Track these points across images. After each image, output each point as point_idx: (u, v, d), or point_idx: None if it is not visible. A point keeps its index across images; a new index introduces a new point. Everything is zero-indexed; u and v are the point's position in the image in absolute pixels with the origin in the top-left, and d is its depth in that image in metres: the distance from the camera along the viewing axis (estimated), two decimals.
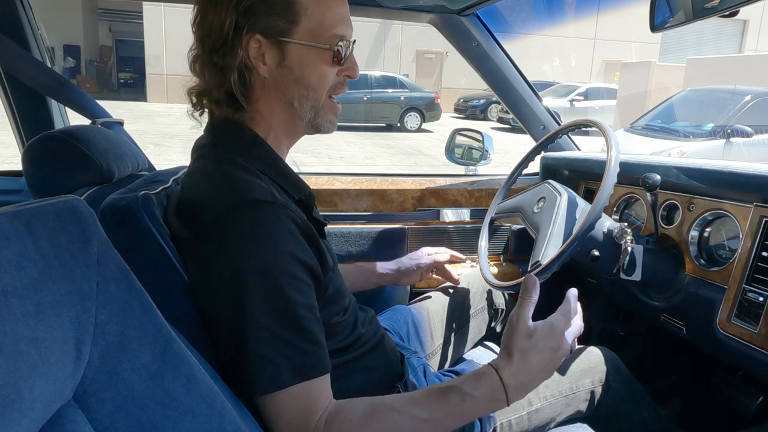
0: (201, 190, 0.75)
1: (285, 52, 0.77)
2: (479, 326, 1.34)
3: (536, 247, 1.12)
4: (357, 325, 0.90)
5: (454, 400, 0.71)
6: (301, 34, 0.76)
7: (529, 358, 0.73)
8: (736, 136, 6.14)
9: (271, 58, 0.77)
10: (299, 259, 0.70)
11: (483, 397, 0.72)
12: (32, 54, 1.40)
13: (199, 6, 0.76)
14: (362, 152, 9.54)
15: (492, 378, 0.73)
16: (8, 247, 0.40)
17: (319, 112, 0.82)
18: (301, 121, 0.82)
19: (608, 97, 13.99)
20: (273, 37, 0.75)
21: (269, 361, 0.66)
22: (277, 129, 0.82)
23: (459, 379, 0.75)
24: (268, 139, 0.81)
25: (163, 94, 16.36)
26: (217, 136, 0.80)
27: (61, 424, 0.42)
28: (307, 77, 0.79)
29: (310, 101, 0.80)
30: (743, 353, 1.01)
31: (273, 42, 0.76)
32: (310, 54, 0.78)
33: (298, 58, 0.77)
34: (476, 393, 0.72)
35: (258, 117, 0.80)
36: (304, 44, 0.77)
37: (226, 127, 0.79)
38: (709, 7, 0.91)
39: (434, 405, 0.71)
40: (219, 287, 0.68)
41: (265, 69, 0.77)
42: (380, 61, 18.59)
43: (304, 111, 0.81)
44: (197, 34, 0.77)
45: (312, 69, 0.78)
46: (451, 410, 0.72)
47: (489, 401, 0.73)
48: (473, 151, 1.91)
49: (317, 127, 0.83)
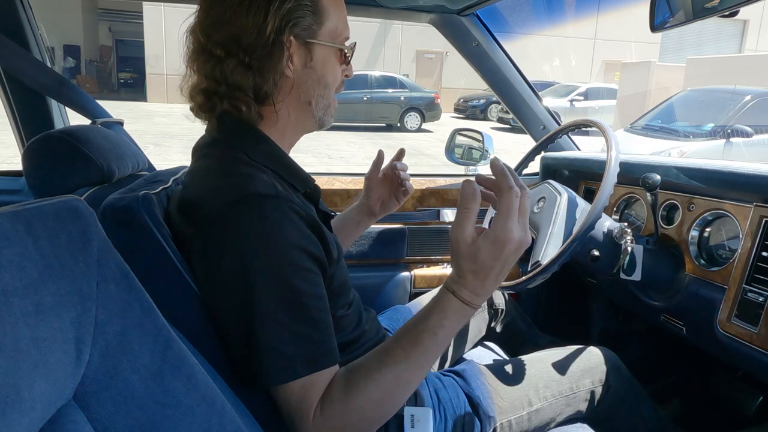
0: (203, 186, 0.75)
1: (312, 52, 0.79)
2: (479, 326, 1.34)
3: (536, 247, 1.12)
4: (361, 321, 0.91)
5: (426, 338, 0.70)
6: (324, 35, 0.80)
7: (480, 275, 0.68)
8: (736, 136, 6.14)
9: (298, 58, 0.79)
10: (305, 249, 0.71)
11: (452, 323, 0.70)
12: (32, 54, 1.40)
13: (216, 9, 0.76)
14: (362, 152, 9.54)
15: (453, 302, 0.70)
16: (8, 247, 0.40)
17: (328, 109, 0.85)
18: (313, 119, 0.85)
19: (608, 97, 13.99)
20: (302, 39, 0.78)
21: (281, 352, 0.67)
22: (286, 127, 0.83)
23: (421, 315, 0.72)
24: (275, 137, 0.81)
25: (163, 94, 16.36)
26: (221, 135, 0.80)
27: (61, 424, 0.42)
28: (326, 77, 0.82)
29: (325, 99, 0.84)
30: (743, 353, 1.01)
31: (301, 43, 0.78)
32: (330, 54, 0.82)
33: (322, 58, 0.81)
34: (445, 322, 0.70)
35: (273, 117, 0.81)
36: (327, 45, 0.81)
37: (233, 126, 0.80)
38: (709, 7, 0.91)
39: (409, 351, 0.70)
40: (226, 282, 0.69)
41: (291, 70, 0.78)
42: (380, 61, 18.59)
43: (319, 109, 0.84)
44: (212, 36, 0.76)
45: (330, 69, 0.82)
46: (426, 349, 0.70)
47: (459, 321, 0.71)
48: (473, 151, 1.91)
49: (323, 123, 0.87)
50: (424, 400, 0.95)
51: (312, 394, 0.68)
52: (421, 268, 1.64)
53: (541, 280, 1.06)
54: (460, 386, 1.01)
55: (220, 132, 0.80)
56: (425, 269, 1.64)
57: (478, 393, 0.99)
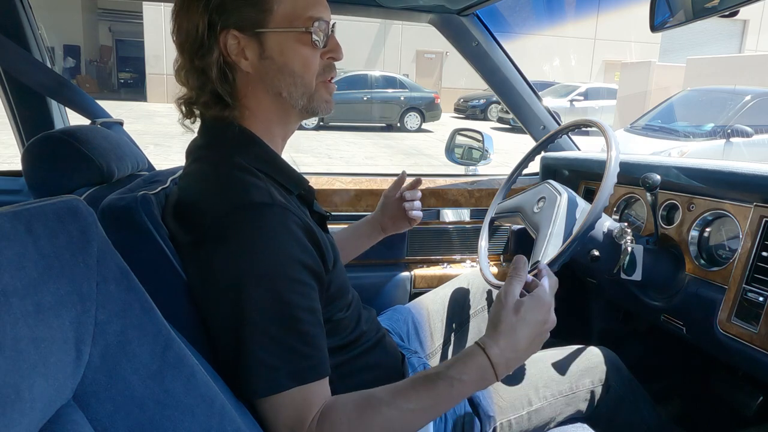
0: (198, 192, 0.75)
1: (264, 42, 0.76)
2: (479, 326, 1.34)
3: (536, 247, 1.12)
4: (360, 322, 0.90)
5: (442, 387, 0.70)
6: (277, 21, 0.76)
7: (517, 333, 0.72)
8: (736, 136, 6.14)
9: (251, 51, 0.76)
10: (300, 260, 0.70)
11: (471, 380, 0.71)
12: (32, 54, 1.40)
13: (174, 15, 0.76)
14: (362, 152, 9.54)
15: (480, 359, 0.71)
16: (8, 247, 0.40)
17: (313, 96, 0.81)
18: (294, 109, 0.81)
19: (608, 97, 13.99)
20: (249, 30, 0.75)
21: (267, 365, 0.66)
22: (268, 122, 0.81)
23: (446, 363, 0.74)
24: (262, 134, 0.80)
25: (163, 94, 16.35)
26: (210, 137, 0.80)
27: (61, 424, 0.42)
28: (290, 65, 0.77)
29: (300, 88, 0.79)
30: (743, 353, 1.01)
31: (250, 35, 0.75)
32: (289, 40, 0.77)
33: (278, 46, 0.76)
34: (464, 377, 0.70)
35: (248, 113, 0.79)
36: (281, 31, 0.76)
37: (218, 126, 0.79)
38: (709, 7, 0.91)
39: (422, 394, 0.70)
40: (219, 291, 0.68)
41: (247, 64, 0.76)
42: (380, 61, 18.59)
43: (296, 99, 0.80)
44: (177, 44, 0.77)
45: (293, 55, 0.77)
46: (439, 397, 0.71)
47: (478, 381, 0.72)
48: (473, 151, 1.91)
49: (313, 111, 0.82)
50: None
51: (302, 408, 0.68)
52: (421, 268, 1.64)
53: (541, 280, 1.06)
54: None
55: (209, 135, 0.80)
56: (425, 269, 1.64)
57: (477, 393, 0.99)
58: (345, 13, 1.57)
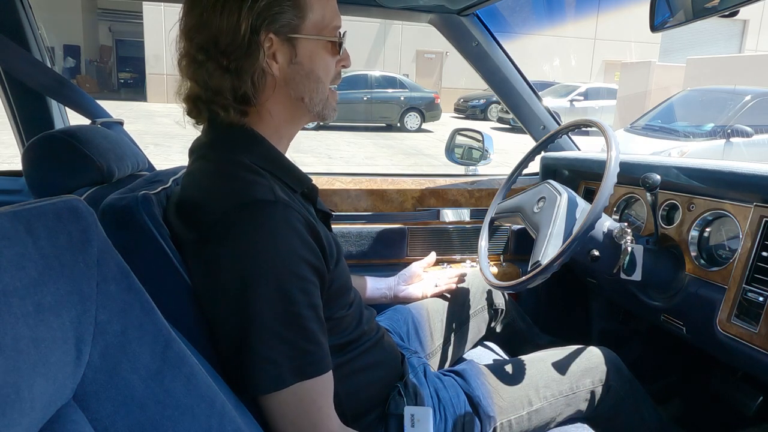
0: (201, 190, 0.75)
1: (296, 48, 0.77)
2: (479, 326, 1.34)
3: (536, 247, 1.12)
4: (362, 321, 0.91)
5: None
6: (309, 28, 0.77)
7: None
8: (736, 136, 6.13)
9: (282, 55, 0.77)
10: (304, 258, 0.70)
11: None
12: (32, 54, 1.40)
13: (195, 11, 0.75)
14: (362, 152, 9.54)
15: None
16: (8, 247, 0.40)
17: (326, 102, 0.83)
18: (309, 113, 0.83)
19: (608, 97, 13.98)
20: (284, 35, 0.76)
21: (271, 361, 0.67)
22: (279, 126, 0.82)
23: None
24: (269, 135, 0.80)
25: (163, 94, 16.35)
26: (215, 136, 0.80)
27: (61, 424, 0.42)
28: (316, 71, 0.79)
29: (320, 94, 0.81)
30: (743, 353, 1.01)
31: (284, 39, 0.76)
32: (318, 47, 0.79)
33: (308, 52, 0.78)
34: None
35: (265, 116, 0.80)
36: (313, 38, 0.78)
37: (225, 126, 0.79)
38: (709, 7, 0.91)
39: None
40: (222, 288, 0.69)
41: (277, 68, 0.77)
42: (380, 61, 18.58)
43: (315, 104, 0.81)
44: (194, 40, 0.75)
45: (319, 62, 0.80)
46: None
47: None
48: (473, 151, 1.91)
49: (324, 117, 0.85)
50: (424, 400, 0.95)
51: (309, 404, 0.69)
52: None
53: (541, 280, 1.06)
54: (460, 386, 1.01)
55: (214, 134, 0.80)
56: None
57: (478, 393, 0.99)
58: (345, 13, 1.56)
